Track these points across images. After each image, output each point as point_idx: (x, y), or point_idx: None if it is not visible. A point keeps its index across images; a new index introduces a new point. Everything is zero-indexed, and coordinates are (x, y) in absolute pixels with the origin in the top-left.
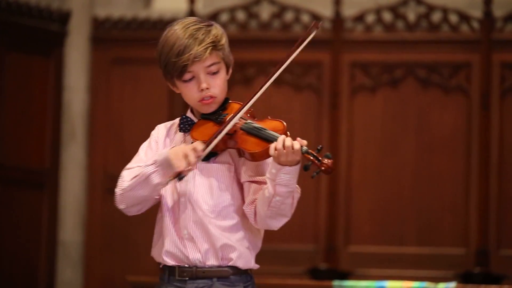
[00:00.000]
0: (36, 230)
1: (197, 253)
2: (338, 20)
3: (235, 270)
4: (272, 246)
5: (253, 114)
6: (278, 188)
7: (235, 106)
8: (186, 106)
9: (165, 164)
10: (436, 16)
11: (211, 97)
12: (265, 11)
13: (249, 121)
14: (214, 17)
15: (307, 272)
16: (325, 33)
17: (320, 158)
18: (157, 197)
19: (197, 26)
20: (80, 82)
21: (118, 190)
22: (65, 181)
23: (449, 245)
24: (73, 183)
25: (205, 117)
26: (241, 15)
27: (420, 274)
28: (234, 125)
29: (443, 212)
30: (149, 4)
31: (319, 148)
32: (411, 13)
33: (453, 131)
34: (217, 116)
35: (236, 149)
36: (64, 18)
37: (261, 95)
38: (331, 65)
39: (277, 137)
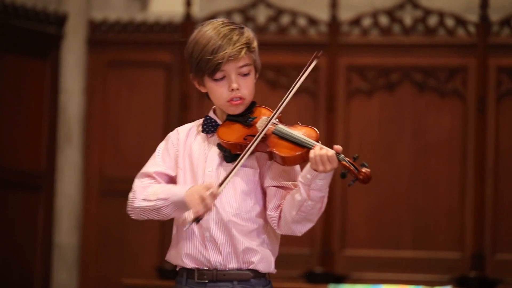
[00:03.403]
0: (31, 232)
1: (218, 256)
2: (334, 23)
3: (255, 273)
4: None
5: (282, 119)
6: (312, 193)
7: (262, 110)
8: (182, 108)
9: (180, 205)
10: (433, 20)
11: (241, 98)
12: (261, 15)
13: (280, 125)
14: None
15: (303, 275)
16: (322, 36)
17: (357, 167)
18: None
19: (230, 27)
20: (77, 85)
21: (129, 203)
22: (61, 184)
23: (445, 249)
24: (69, 185)
25: (232, 118)
26: (237, 19)
27: (415, 278)
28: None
29: (439, 216)
30: (145, 7)
31: (355, 156)
32: (408, 17)
33: (449, 135)
34: (245, 119)
35: (267, 152)
36: (60, 20)
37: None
38: (328, 68)
39: (311, 143)
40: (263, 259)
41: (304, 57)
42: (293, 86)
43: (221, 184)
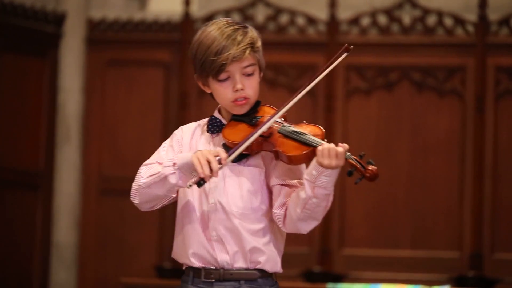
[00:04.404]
0: (30, 231)
1: (225, 255)
2: (333, 23)
3: (262, 273)
4: None
5: (286, 118)
6: (317, 190)
7: (267, 109)
8: (181, 108)
9: (186, 168)
10: (431, 20)
11: (245, 98)
12: (260, 14)
13: (285, 124)
14: (209, 19)
15: (301, 274)
16: (320, 36)
17: (364, 164)
18: (174, 195)
19: (234, 27)
20: (75, 84)
21: (134, 185)
22: (59, 183)
23: (443, 248)
24: (67, 184)
25: (237, 118)
26: (236, 18)
27: (414, 277)
28: (270, 128)
29: (437, 216)
30: (144, 6)
31: (361, 154)
32: (406, 17)
33: (447, 135)
34: (250, 118)
35: (273, 151)
36: (59, 19)
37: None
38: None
39: (318, 142)
40: (270, 259)
41: (303, 57)
42: (310, 84)
43: (230, 156)
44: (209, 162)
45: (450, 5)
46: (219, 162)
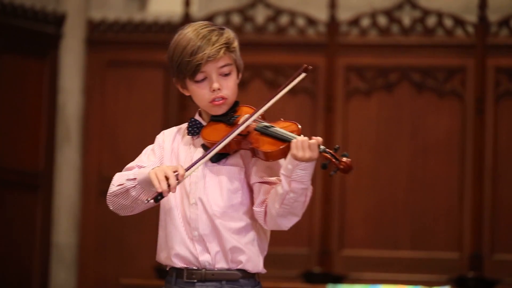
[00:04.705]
0: (30, 232)
1: (207, 255)
2: (333, 24)
3: (244, 273)
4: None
5: (264, 117)
6: (293, 184)
7: (245, 109)
8: (181, 109)
9: (145, 183)
10: (431, 21)
11: (223, 98)
12: (260, 15)
13: (262, 122)
14: (209, 20)
15: (301, 275)
16: (320, 36)
17: (337, 157)
18: (145, 204)
19: (209, 29)
20: (75, 84)
21: (108, 192)
22: (59, 183)
23: (443, 249)
24: (67, 185)
25: (216, 119)
26: (236, 19)
27: (414, 278)
28: (248, 126)
29: (437, 216)
30: (144, 7)
31: (336, 147)
32: (406, 17)
33: (447, 136)
34: (228, 118)
35: (250, 149)
36: (59, 20)
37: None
38: (326, 68)
39: (293, 137)
40: (251, 259)
41: (303, 57)
42: (280, 90)
43: (188, 169)
44: (167, 178)
45: (450, 6)
46: (177, 178)
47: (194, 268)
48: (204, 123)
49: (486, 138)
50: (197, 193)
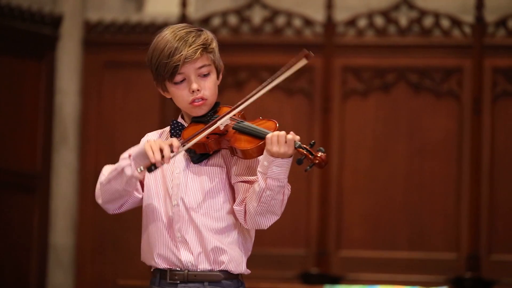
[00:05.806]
0: (27, 233)
1: (189, 256)
2: (330, 24)
3: (227, 274)
4: (263, 251)
5: (243, 115)
6: (269, 182)
7: (226, 110)
8: (178, 110)
9: (140, 157)
10: (428, 21)
11: (202, 99)
12: (257, 15)
13: (240, 121)
14: (206, 21)
15: (298, 276)
16: (317, 37)
17: (313, 152)
18: (136, 193)
19: (187, 30)
20: (72, 86)
21: (97, 185)
22: (56, 185)
23: (440, 249)
24: (64, 186)
25: (196, 120)
26: (233, 19)
27: (411, 279)
28: (226, 125)
29: (435, 217)
30: (141, 8)
31: (312, 143)
32: (403, 18)
33: (444, 136)
34: (208, 118)
35: (228, 148)
36: (56, 21)
37: (252, 100)
38: (323, 69)
39: (269, 133)
40: (233, 259)
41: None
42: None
43: (183, 145)
44: (161, 149)
45: (447, 7)
46: (172, 150)
47: (177, 269)
48: (185, 124)
49: (483, 139)
50: (179, 194)
